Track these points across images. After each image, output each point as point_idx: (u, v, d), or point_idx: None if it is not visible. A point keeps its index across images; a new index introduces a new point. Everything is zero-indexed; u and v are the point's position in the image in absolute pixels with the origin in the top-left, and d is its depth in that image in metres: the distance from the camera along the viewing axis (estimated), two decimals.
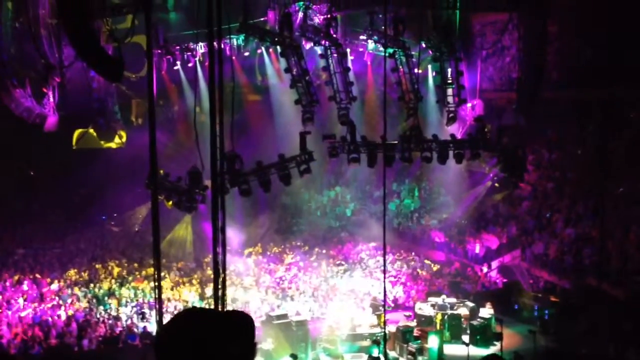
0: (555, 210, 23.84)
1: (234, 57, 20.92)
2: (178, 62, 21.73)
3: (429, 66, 23.42)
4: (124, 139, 25.27)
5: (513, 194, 25.02)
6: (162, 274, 17.02)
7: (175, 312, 20.25)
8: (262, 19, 19.92)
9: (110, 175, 25.94)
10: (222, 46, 18.28)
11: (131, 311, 20.27)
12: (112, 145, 25.64)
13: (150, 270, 21.56)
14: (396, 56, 19.87)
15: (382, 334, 16.24)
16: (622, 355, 15.80)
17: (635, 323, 16.55)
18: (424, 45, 20.85)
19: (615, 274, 19.55)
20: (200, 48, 20.76)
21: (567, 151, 25.16)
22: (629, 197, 21.36)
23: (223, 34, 16.86)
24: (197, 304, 20.18)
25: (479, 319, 19.16)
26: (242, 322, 2.16)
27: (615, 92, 19.80)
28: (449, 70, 20.62)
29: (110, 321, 19.22)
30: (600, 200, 20.63)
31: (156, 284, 9.45)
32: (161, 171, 16.26)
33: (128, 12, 17.60)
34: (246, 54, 22.63)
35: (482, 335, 18.52)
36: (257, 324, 16.15)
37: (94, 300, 20.94)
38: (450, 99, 20.77)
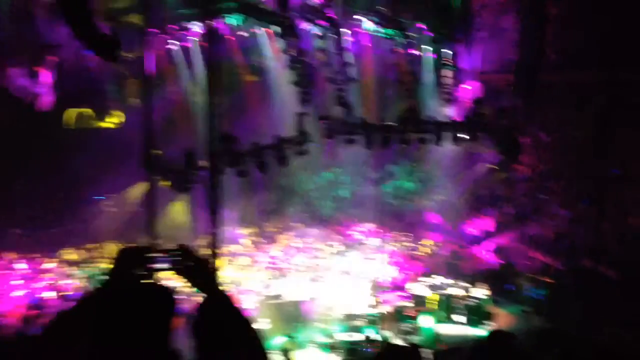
0: (551, 192, 23.90)
1: (230, 38, 20.82)
2: (175, 42, 21.61)
3: (428, 47, 23.29)
4: (120, 119, 25.18)
5: (510, 176, 25.06)
6: None
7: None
8: None
9: (106, 155, 25.84)
10: (219, 26, 18.21)
11: None
12: (109, 125, 25.57)
13: None
14: (395, 37, 19.79)
15: (377, 314, 16.37)
16: (617, 336, 15.95)
17: (629, 305, 16.69)
18: (422, 26, 20.76)
19: (610, 255, 19.68)
20: (197, 28, 20.62)
21: (565, 133, 25.15)
22: (625, 179, 21.41)
23: (220, 13, 16.78)
24: None
25: (473, 300, 19.33)
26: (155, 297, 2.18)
27: (615, 75, 19.76)
28: (448, 51, 20.57)
29: None
30: (596, 183, 20.68)
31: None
32: (157, 151, 16.25)
33: None
34: (243, 34, 22.49)
35: (476, 315, 18.69)
36: (252, 304, 16.36)
37: (91, 280, 21.00)
38: (448, 81, 20.74)
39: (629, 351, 15.18)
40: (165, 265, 2.30)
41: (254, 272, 22.14)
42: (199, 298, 2.40)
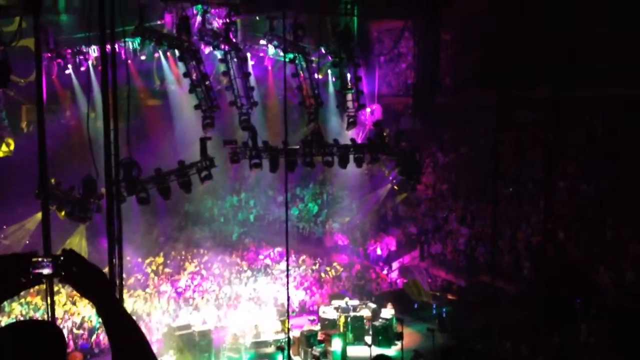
0: (450, 210, 24.75)
1: (129, 61, 20.32)
2: (70, 66, 20.85)
3: (329, 71, 23.71)
4: (12, 147, 23.92)
5: (411, 196, 25.75)
6: (56, 288, 16.25)
7: (72, 327, 19.23)
8: (158, 22, 19.46)
9: None
10: (117, 49, 17.72)
11: None
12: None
13: (44, 285, 20.51)
14: (296, 61, 19.99)
15: (286, 339, 16.27)
16: (517, 348, 16.61)
17: (526, 317, 17.45)
18: (323, 51, 21.12)
19: (507, 270, 20.53)
20: (94, 51, 20.01)
21: (460, 153, 26.21)
22: (517, 196, 22.49)
23: (117, 37, 16.32)
24: (94, 319, 19.41)
25: (380, 320, 19.59)
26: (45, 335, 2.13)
27: (501, 96, 20.81)
28: (349, 75, 20.98)
29: None
30: (491, 200, 21.60)
31: (49, 298, 9.04)
32: (52, 180, 15.53)
33: (15, 14, 16.66)
34: (143, 57, 22.03)
35: (384, 335, 18.95)
36: (158, 336, 15.78)
37: None
38: (350, 104, 21.14)
39: None
40: (48, 271, 2.18)
41: (159, 303, 21.50)
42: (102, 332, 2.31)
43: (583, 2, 20.23)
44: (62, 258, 2.19)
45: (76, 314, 20.24)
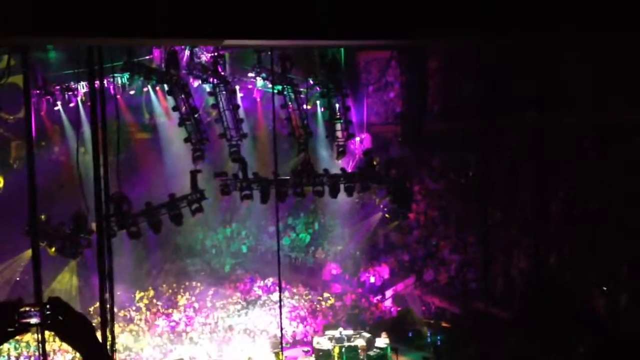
0: (442, 237, 24.74)
1: (118, 96, 20.42)
2: (59, 102, 20.92)
3: (318, 102, 23.86)
4: (1, 184, 23.83)
5: (403, 223, 25.74)
6: None
7: None
8: (147, 57, 19.59)
9: None
10: (106, 85, 17.81)
11: None
12: None
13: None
14: (285, 93, 20.14)
15: None
16: None
17: (521, 343, 17.34)
18: (311, 81, 21.29)
19: (500, 296, 20.48)
20: (82, 87, 20.10)
21: (451, 180, 26.27)
22: (507, 221, 22.54)
23: (106, 72, 16.41)
24: None
25: (375, 349, 19.47)
26: None
27: (490, 123, 20.97)
28: (337, 105, 21.13)
29: None
30: (482, 226, 21.64)
31: (39, 335, 8.96)
32: (42, 216, 15.45)
33: (3, 51, 16.75)
34: (132, 92, 22.14)
35: None
36: None
37: None
38: (339, 134, 21.26)
39: None
40: (36, 320, 2.17)
41: (151, 338, 21.26)
42: None
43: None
44: (48, 307, 2.19)
45: (67, 350, 19.98)
